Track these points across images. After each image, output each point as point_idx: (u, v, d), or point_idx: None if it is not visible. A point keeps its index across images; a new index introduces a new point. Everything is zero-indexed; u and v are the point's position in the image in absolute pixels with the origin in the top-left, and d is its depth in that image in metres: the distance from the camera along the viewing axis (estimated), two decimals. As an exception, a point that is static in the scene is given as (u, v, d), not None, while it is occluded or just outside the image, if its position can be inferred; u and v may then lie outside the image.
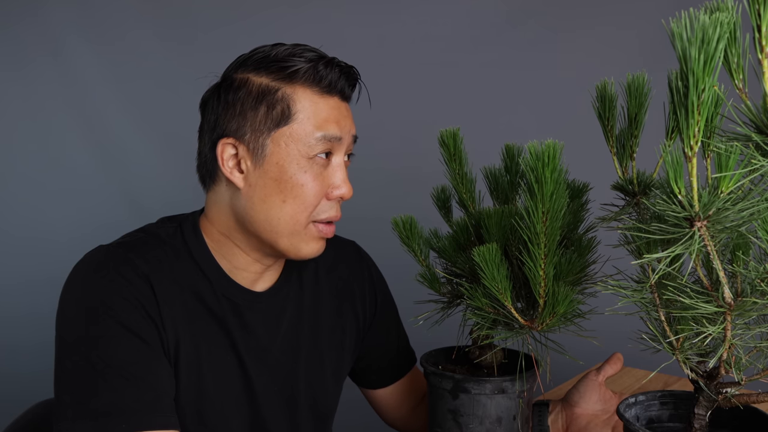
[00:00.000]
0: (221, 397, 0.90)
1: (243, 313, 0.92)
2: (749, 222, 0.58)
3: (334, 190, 0.89)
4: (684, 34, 0.52)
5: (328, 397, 1.04)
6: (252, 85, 0.87)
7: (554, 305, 0.78)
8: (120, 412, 0.77)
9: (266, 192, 0.87)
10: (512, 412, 0.90)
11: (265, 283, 0.96)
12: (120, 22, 2.22)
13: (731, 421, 0.76)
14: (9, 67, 2.28)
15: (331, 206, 0.90)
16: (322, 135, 0.87)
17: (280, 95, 0.86)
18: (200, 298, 0.89)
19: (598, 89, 0.81)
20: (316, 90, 0.88)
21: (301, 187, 0.86)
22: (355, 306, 1.08)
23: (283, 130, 0.86)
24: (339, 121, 0.89)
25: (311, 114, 0.87)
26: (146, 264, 0.85)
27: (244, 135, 0.87)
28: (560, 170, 0.71)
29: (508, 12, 1.95)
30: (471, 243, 0.93)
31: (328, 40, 2.00)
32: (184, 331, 0.86)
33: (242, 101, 0.87)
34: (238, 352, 0.91)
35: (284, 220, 0.87)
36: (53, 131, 2.30)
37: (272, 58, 0.87)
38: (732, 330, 0.64)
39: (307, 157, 0.87)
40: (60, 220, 2.23)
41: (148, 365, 0.81)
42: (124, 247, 0.87)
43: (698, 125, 0.55)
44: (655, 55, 1.18)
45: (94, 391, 0.78)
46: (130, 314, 0.81)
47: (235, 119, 0.87)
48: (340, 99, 0.91)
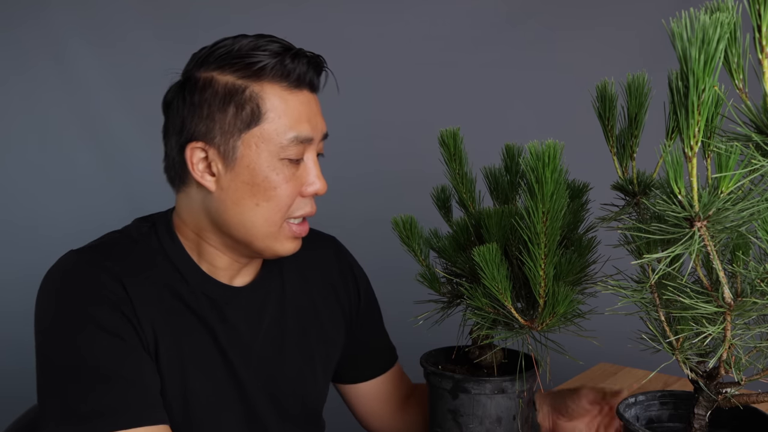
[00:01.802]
0: (207, 392, 0.89)
1: (223, 309, 0.91)
2: (749, 222, 0.58)
3: (308, 188, 0.88)
4: (684, 34, 0.52)
5: (318, 391, 1.03)
6: (217, 84, 0.84)
7: (554, 305, 0.78)
8: (109, 412, 0.77)
9: (239, 195, 0.85)
10: (512, 412, 0.90)
11: (244, 278, 0.95)
12: (120, 23, 2.22)
13: (731, 421, 0.76)
14: (11, 72, 2.28)
15: (306, 203, 0.89)
16: (294, 136, 0.85)
17: (248, 94, 0.84)
18: (178, 296, 0.88)
19: (598, 89, 0.81)
20: (284, 86, 0.85)
21: (274, 190, 0.85)
22: (340, 299, 1.07)
23: (254, 131, 0.84)
24: (311, 119, 0.87)
25: (282, 113, 0.84)
26: (118, 265, 0.84)
27: (214, 138, 0.84)
28: (560, 170, 0.71)
29: (508, 12, 1.95)
30: (471, 243, 0.93)
31: (328, 39, 2.00)
32: (163, 329, 0.85)
33: (209, 102, 0.84)
34: (221, 347, 0.90)
35: (259, 222, 0.86)
36: (55, 132, 2.30)
37: (236, 54, 0.84)
38: (732, 330, 0.64)
39: (279, 158, 0.85)
40: (60, 221, 2.24)
41: (130, 363, 0.81)
42: (95, 250, 0.86)
43: (698, 125, 0.55)
44: (655, 55, 1.18)
45: (80, 395, 0.77)
46: (106, 315, 0.80)
47: (203, 122, 0.84)
48: (309, 91, 0.88)
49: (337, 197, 2.05)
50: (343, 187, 2.06)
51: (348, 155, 2.05)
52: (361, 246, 1.95)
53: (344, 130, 2.02)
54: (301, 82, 0.86)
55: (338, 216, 2.03)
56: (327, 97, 0.94)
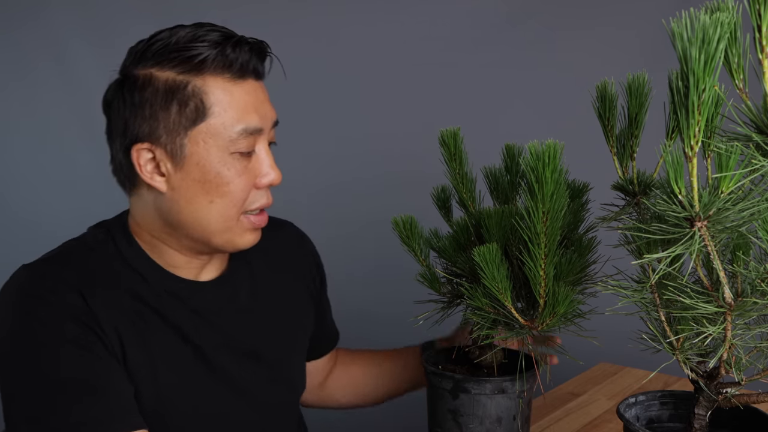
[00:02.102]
0: (182, 391, 0.86)
1: (190, 305, 0.89)
2: (749, 222, 0.58)
3: (262, 179, 0.85)
4: (684, 34, 0.52)
5: (300, 377, 1.03)
6: (158, 82, 0.81)
7: (554, 305, 0.78)
8: (86, 422, 0.75)
9: (191, 194, 0.83)
10: (512, 412, 0.90)
11: (210, 273, 0.93)
12: (120, 23, 2.22)
13: (731, 421, 0.76)
14: (12, 73, 2.28)
15: (262, 194, 0.87)
16: (243, 128, 0.82)
17: (190, 90, 0.80)
18: (139, 298, 0.85)
19: (598, 89, 0.81)
20: (227, 77, 0.82)
21: (227, 185, 0.82)
22: (306, 283, 1.06)
23: (200, 128, 0.81)
24: (258, 108, 0.84)
25: (227, 105, 0.81)
26: (74, 274, 0.81)
27: (159, 138, 0.81)
28: (560, 170, 0.71)
29: (508, 12, 1.95)
30: (471, 243, 0.93)
31: (328, 40, 2.00)
32: (128, 334, 0.82)
33: (150, 102, 0.81)
34: (192, 343, 0.88)
35: (214, 219, 0.84)
36: (55, 133, 2.30)
37: (173, 47, 0.81)
38: (732, 330, 0.64)
39: (229, 152, 0.82)
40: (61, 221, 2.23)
41: (99, 372, 0.78)
42: (48, 262, 0.84)
43: (699, 125, 0.55)
44: (655, 55, 1.18)
45: (52, 410, 0.75)
46: (68, 327, 0.78)
47: (147, 122, 0.81)
48: (254, 80, 0.85)
49: (338, 198, 2.06)
50: (343, 187, 2.07)
51: (348, 156, 2.05)
52: (362, 246, 1.95)
53: (344, 131, 2.03)
54: (245, 71, 0.83)
55: (338, 216, 2.04)
56: (327, 97, 0.94)
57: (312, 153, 2.02)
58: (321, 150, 2.01)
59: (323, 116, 2.00)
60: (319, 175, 2.01)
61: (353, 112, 2.00)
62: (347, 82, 1.97)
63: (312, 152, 2.02)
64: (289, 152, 2.05)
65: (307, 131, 2.05)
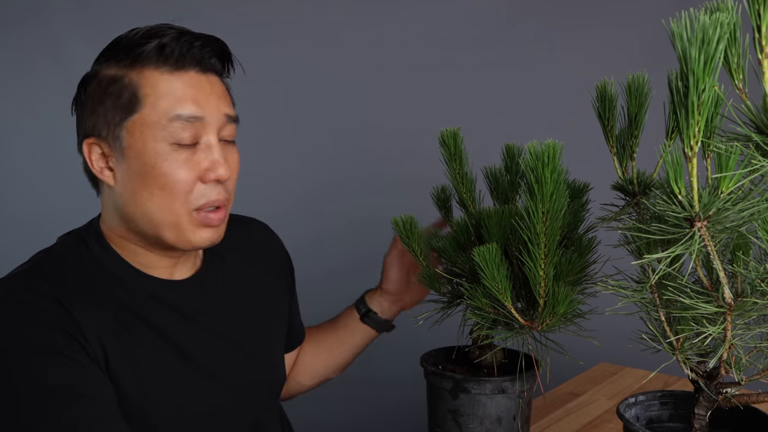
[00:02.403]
0: (167, 393, 0.85)
1: (168, 304, 0.88)
2: (749, 222, 0.58)
3: (208, 173, 0.83)
4: (684, 34, 0.52)
5: (282, 367, 1.03)
6: (101, 77, 0.83)
7: (554, 305, 0.78)
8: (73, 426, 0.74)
9: (133, 186, 0.82)
10: (512, 412, 0.90)
11: (185, 272, 0.92)
12: (120, 21, 2.22)
13: (731, 421, 0.76)
14: (11, 72, 2.28)
15: (210, 189, 0.84)
16: (177, 114, 0.80)
17: (126, 82, 0.81)
18: (119, 302, 0.84)
19: (598, 89, 0.81)
20: (164, 69, 0.81)
21: (165, 177, 0.81)
22: (279, 278, 1.07)
23: (135, 119, 0.80)
24: (197, 98, 0.82)
25: (161, 94, 0.80)
26: (52, 285, 0.80)
27: (101, 131, 0.82)
28: (560, 170, 0.71)
29: (508, 12, 1.95)
30: (471, 243, 0.93)
31: (328, 40, 2.00)
32: (111, 342, 0.81)
33: (92, 97, 0.83)
34: (174, 343, 0.87)
35: (158, 213, 0.82)
36: (55, 132, 2.30)
37: (122, 45, 0.82)
38: (732, 330, 0.64)
39: (168, 143, 0.81)
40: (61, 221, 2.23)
41: (81, 380, 0.77)
42: (25, 274, 0.83)
43: (698, 125, 0.55)
44: (655, 55, 1.18)
45: (38, 423, 0.74)
46: (49, 337, 0.77)
47: (91, 117, 0.83)
48: (198, 73, 0.83)
49: (337, 197, 2.07)
50: (342, 187, 2.07)
51: (347, 155, 2.06)
52: (362, 245, 1.95)
53: (344, 130, 2.03)
54: (184, 63, 0.82)
55: (338, 216, 2.04)
56: (327, 97, 0.94)
57: (311, 152, 2.02)
58: (320, 149, 2.01)
59: (323, 116, 2.00)
60: (318, 174, 2.01)
61: (353, 111, 1.99)
62: (347, 82, 1.97)
63: (310, 151, 2.02)
64: (287, 151, 2.06)
65: (306, 131, 2.05)
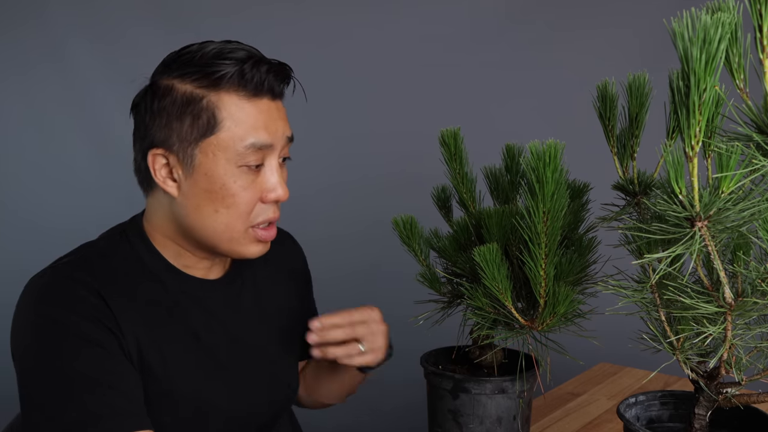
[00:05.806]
0: (196, 393, 0.89)
1: (203, 303, 0.92)
2: (750, 222, 0.58)
3: (268, 194, 0.88)
4: (685, 34, 0.52)
5: (296, 373, 1.05)
6: (176, 93, 0.85)
7: (554, 305, 0.78)
8: (93, 420, 0.77)
9: (198, 201, 0.86)
10: (512, 412, 0.90)
11: (217, 272, 0.96)
12: (120, 21, 2.22)
13: (731, 421, 0.76)
14: (12, 71, 2.28)
15: (268, 209, 0.89)
16: (251, 143, 0.85)
17: (204, 104, 0.84)
18: (157, 298, 0.89)
19: (598, 89, 0.81)
20: (242, 94, 0.85)
21: (232, 197, 0.86)
22: (299, 289, 1.10)
23: (210, 140, 0.84)
24: (269, 125, 0.87)
25: (238, 121, 0.84)
26: (94, 279, 0.84)
27: (173, 145, 0.85)
28: (561, 170, 0.71)
29: (508, 12, 1.95)
30: (471, 243, 0.93)
31: (328, 40, 2.00)
32: (146, 337, 0.86)
33: (167, 111, 0.85)
34: (206, 341, 0.91)
35: (220, 228, 0.87)
36: (54, 131, 2.30)
37: (197, 62, 0.85)
38: (732, 330, 0.64)
39: (237, 165, 0.85)
40: (61, 220, 2.23)
41: (113, 371, 0.81)
42: (70, 265, 0.86)
43: (699, 125, 0.55)
44: (656, 55, 1.18)
45: (65, 406, 0.78)
46: (87, 327, 0.81)
47: (162, 129, 0.85)
48: (270, 99, 0.88)
49: (337, 197, 2.06)
50: (342, 187, 2.07)
51: (348, 155, 2.06)
52: (362, 245, 1.95)
53: (344, 131, 2.03)
54: (259, 91, 0.86)
55: (338, 215, 2.04)
56: (327, 97, 0.94)
57: (311, 153, 2.02)
58: (319, 150, 2.01)
59: (322, 116, 2.00)
60: (318, 174, 2.01)
61: (353, 112, 1.99)
62: (347, 82, 1.97)
63: (311, 152, 2.02)
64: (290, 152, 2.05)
65: (306, 131, 2.05)
